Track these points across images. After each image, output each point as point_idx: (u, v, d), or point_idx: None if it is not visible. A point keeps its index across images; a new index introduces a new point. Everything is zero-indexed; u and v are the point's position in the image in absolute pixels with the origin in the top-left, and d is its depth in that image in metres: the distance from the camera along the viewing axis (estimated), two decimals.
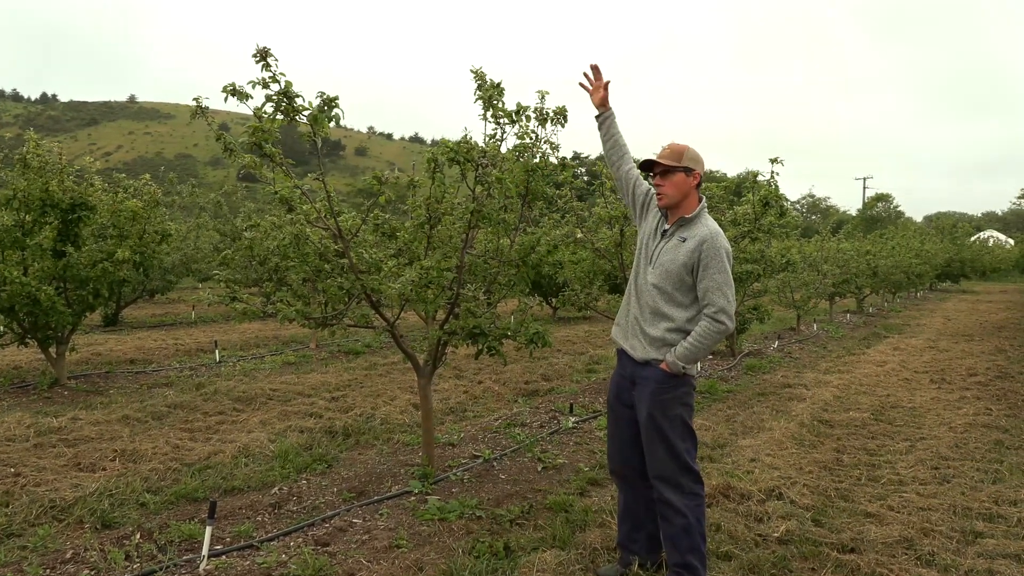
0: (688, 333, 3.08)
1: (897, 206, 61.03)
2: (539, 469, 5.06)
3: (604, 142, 3.46)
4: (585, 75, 3.43)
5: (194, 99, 3.88)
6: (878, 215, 57.45)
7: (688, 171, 3.12)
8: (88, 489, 4.29)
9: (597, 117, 3.45)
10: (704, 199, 3.22)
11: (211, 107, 4.03)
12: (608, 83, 3.39)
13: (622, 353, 3.30)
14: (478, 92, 4.30)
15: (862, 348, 11.86)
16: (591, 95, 3.44)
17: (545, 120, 4.47)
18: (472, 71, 4.27)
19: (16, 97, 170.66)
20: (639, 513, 3.36)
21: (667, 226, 3.21)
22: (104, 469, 4.78)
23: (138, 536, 3.74)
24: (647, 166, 3.23)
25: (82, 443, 5.33)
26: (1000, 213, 76.71)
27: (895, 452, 5.53)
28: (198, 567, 3.42)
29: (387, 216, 5.01)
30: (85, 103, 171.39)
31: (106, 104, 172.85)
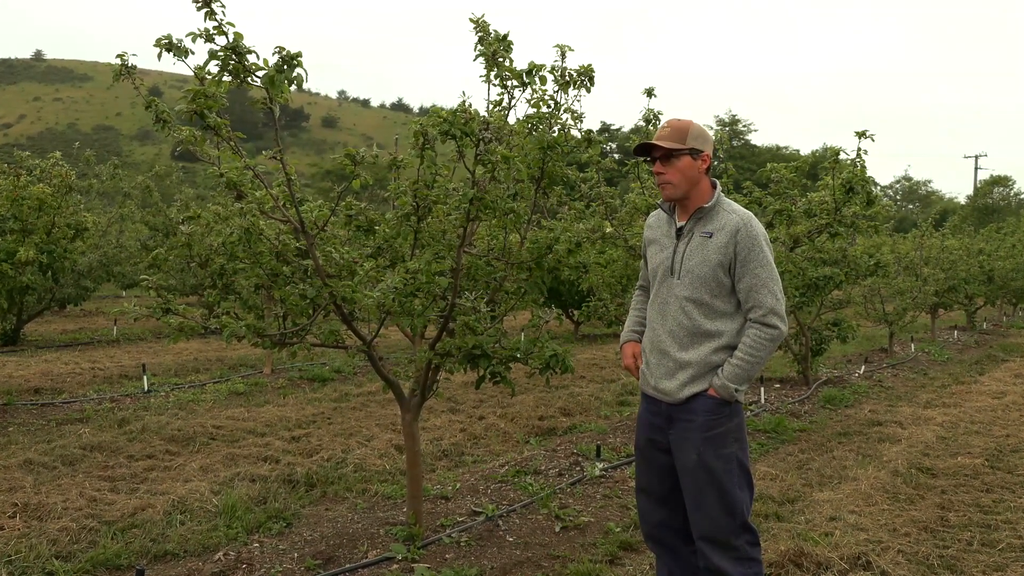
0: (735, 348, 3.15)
1: (1019, 192, 60.83)
2: (557, 529, 5.06)
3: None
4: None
5: (118, 56, 3.92)
6: (994, 204, 57.20)
7: (695, 153, 3.17)
8: None
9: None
10: (718, 183, 3.26)
11: (140, 66, 4.06)
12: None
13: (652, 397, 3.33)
14: (479, 47, 4.32)
15: (973, 375, 11.80)
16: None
17: (566, 83, 4.48)
18: (472, 20, 4.30)
19: None
20: None
21: (681, 223, 3.25)
22: (1, 528, 4.81)
23: None
24: (644, 150, 3.26)
25: None
26: None
27: (1016, 509, 5.50)
28: None
29: (363, 205, 5.04)
30: None
31: (5, 62, 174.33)
